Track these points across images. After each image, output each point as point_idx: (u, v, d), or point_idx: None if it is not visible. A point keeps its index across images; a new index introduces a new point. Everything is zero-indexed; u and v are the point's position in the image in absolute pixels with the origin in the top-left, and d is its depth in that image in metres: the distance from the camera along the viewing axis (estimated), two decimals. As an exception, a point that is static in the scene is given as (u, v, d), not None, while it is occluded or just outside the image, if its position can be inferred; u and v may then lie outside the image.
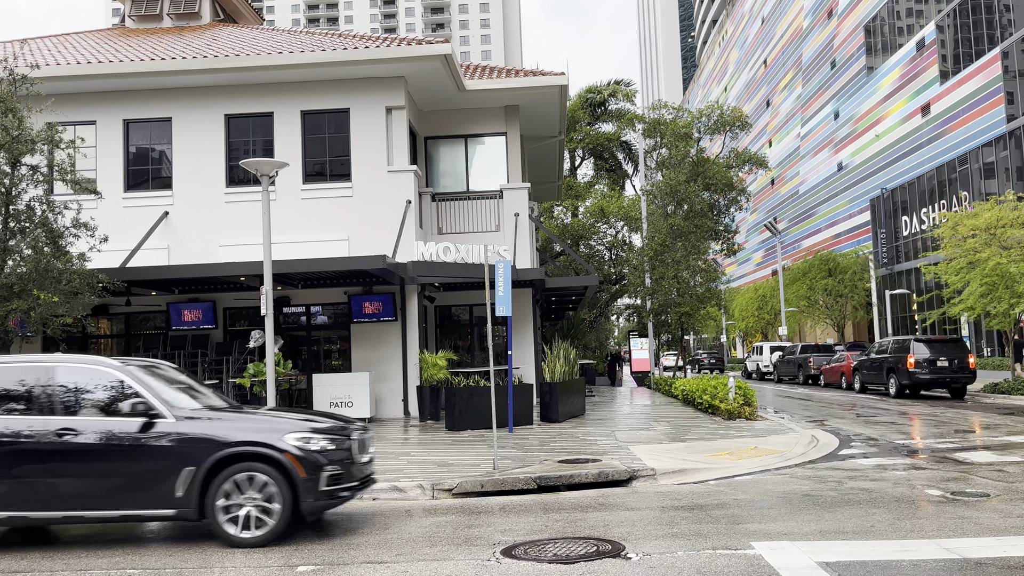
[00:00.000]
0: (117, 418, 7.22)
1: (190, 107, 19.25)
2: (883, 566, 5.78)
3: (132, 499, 7.05)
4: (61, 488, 7.07)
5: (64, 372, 7.49)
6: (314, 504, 7.17)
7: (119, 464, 7.08)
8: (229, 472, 7.04)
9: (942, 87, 45.65)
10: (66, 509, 7.08)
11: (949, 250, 25.05)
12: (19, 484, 7.05)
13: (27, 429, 7.15)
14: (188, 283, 18.01)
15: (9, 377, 7.48)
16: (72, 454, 7.09)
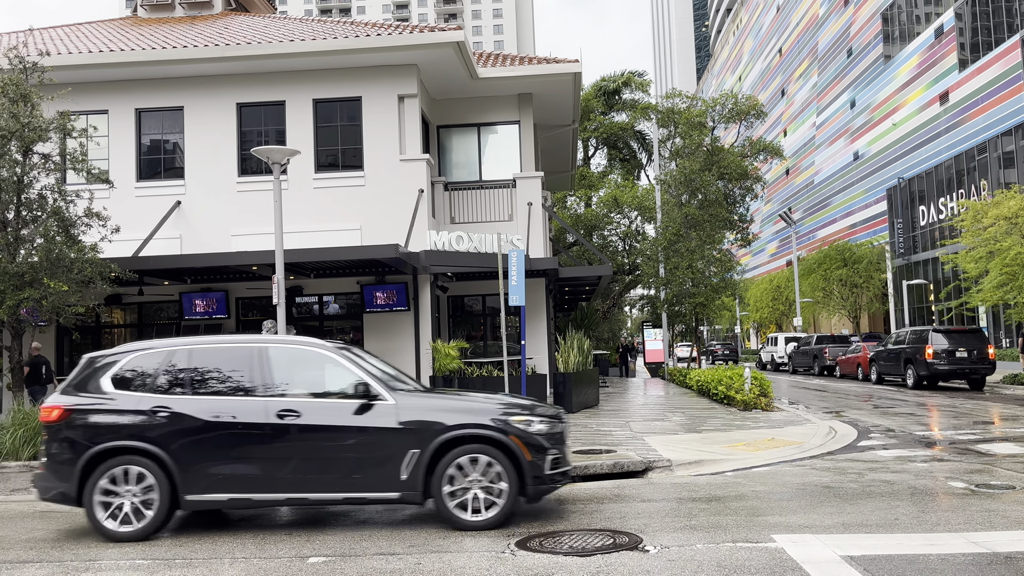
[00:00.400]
0: (338, 400, 7.15)
1: (202, 96, 19.16)
2: (910, 560, 5.61)
3: (356, 482, 6.95)
4: (284, 470, 6.95)
5: (277, 353, 7.38)
6: (538, 487, 7.08)
7: (342, 446, 6.98)
8: (454, 455, 6.93)
9: (961, 75, 45.04)
10: (289, 491, 6.97)
11: (969, 239, 24.69)
12: (241, 466, 6.97)
13: (247, 411, 7.05)
14: (200, 273, 17.96)
15: (224, 358, 7.38)
16: (295, 436, 7.00)
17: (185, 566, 6.17)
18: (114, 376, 7.31)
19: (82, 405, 7.17)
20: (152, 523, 6.92)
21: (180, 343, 7.54)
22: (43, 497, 7.19)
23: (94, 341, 19.32)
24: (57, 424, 7.12)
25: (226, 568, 6.07)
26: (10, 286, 12.80)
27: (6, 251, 13.13)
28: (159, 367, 7.32)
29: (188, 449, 6.98)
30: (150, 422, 7.04)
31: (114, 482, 6.99)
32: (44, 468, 7.17)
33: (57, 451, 7.09)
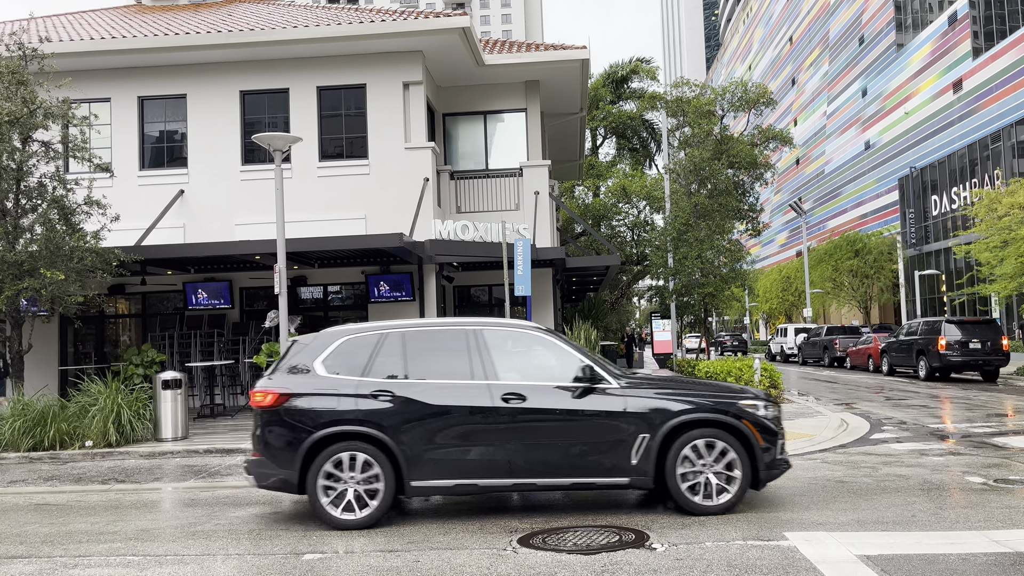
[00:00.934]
0: (561, 383, 6.96)
1: (205, 84, 18.95)
2: (929, 560, 5.37)
3: (585, 467, 6.78)
4: (510, 455, 6.76)
5: (493, 335, 7.18)
6: (769, 472, 6.95)
7: (570, 431, 6.79)
8: (686, 439, 6.80)
9: (975, 63, 44.44)
10: (516, 477, 6.78)
11: (983, 228, 24.30)
12: (466, 451, 6.77)
13: (472, 394, 6.85)
14: (203, 262, 17.79)
15: (439, 340, 7.16)
16: (522, 420, 6.80)
17: (177, 562, 5.98)
18: (326, 359, 7.08)
19: (299, 389, 6.93)
20: (378, 510, 6.74)
21: (390, 326, 7.31)
22: (260, 484, 6.95)
23: (97, 331, 19.20)
24: (273, 409, 6.89)
25: (219, 565, 5.88)
26: (9, 275, 12.64)
27: (5, 240, 12.97)
28: (373, 350, 7.09)
29: (413, 434, 6.76)
30: (372, 406, 6.82)
31: (337, 468, 6.78)
32: (260, 454, 6.93)
33: (275, 437, 6.85)
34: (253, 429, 7.07)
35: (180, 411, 12.67)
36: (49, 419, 11.91)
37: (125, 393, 12.41)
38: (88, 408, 12.16)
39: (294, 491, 6.85)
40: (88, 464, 11.30)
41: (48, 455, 11.63)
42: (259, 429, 6.96)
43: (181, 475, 10.19)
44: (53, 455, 11.63)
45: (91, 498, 8.83)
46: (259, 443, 6.95)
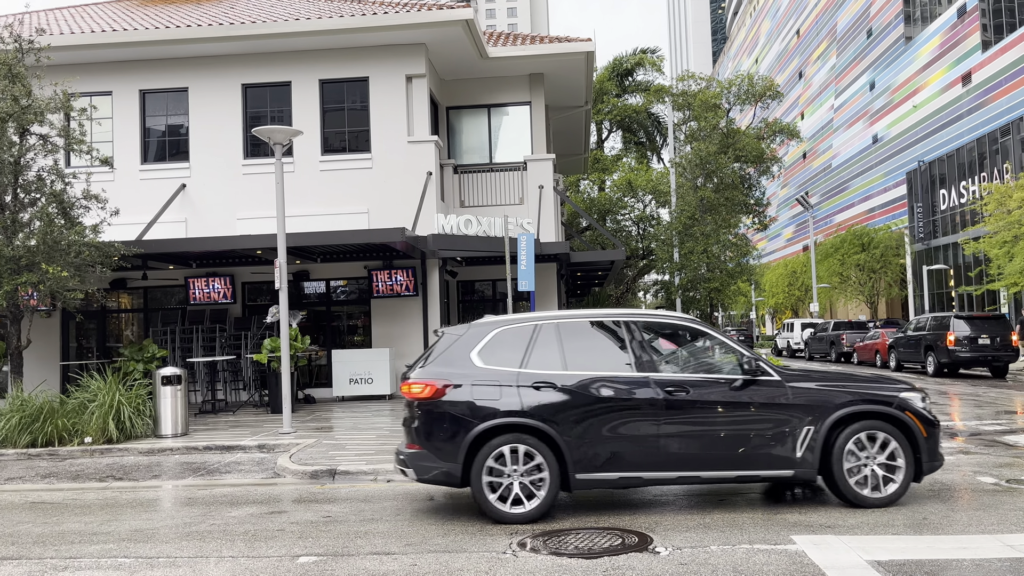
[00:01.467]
0: (721, 375, 6.96)
1: (207, 77, 18.81)
2: (942, 566, 5.19)
3: (749, 459, 6.77)
4: (674, 448, 6.72)
5: (648, 326, 7.17)
6: (931, 464, 6.92)
7: (734, 423, 6.77)
8: (851, 431, 6.81)
9: (984, 55, 44.00)
10: (680, 470, 6.75)
11: (993, 223, 24.03)
12: (630, 444, 6.70)
13: (634, 386, 6.79)
14: (205, 257, 17.68)
15: (593, 332, 7.10)
16: (685, 412, 6.76)
17: (169, 565, 5.85)
18: (482, 351, 6.97)
19: (458, 381, 6.81)
20: (543, 504, 6.63)
21: (542, 317, 7.20)
22: (421, 478, 6.83)
23: (99, 326, 19.11)
24: (432, 401, 6.78)
25: (212, 567, 5.74)
26: (7, 270, 12.53)
27: (3, 234, 12.86)
28: (528, 342, 6.99)
29: (577, 426, 6.69)
30: (536, 398, 6.72)
31: (499, 461, 6.67)
32: (420, 447, 6.80)
33: (436, 429, 6.74)
34: (408, 421, 6.96)
35: (180, 407, 12.55)
36: (48, 415, 11.80)
37: (124, 389, 12.28)
38: (87, 404, 12.05)
39: (456, 484, 6.75)
40: (87, 461, 11.19)
41: (47, 451, 11.52)
42: (417, 421, 6.82)
43: (179, 472, 10.07)
44: (52, 452, 11.53)
45: (87, 496, 8.72)
46: (418, 435, 6.81)
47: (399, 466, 7.04)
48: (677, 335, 7.33)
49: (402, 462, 6.93)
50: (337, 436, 12.03)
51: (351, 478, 9.18)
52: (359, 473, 9.23)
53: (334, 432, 12.50)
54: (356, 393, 17.43)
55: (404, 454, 6.93)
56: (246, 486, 9.06)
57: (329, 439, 11.72)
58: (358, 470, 9.28)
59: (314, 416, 14.81)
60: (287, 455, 10.39)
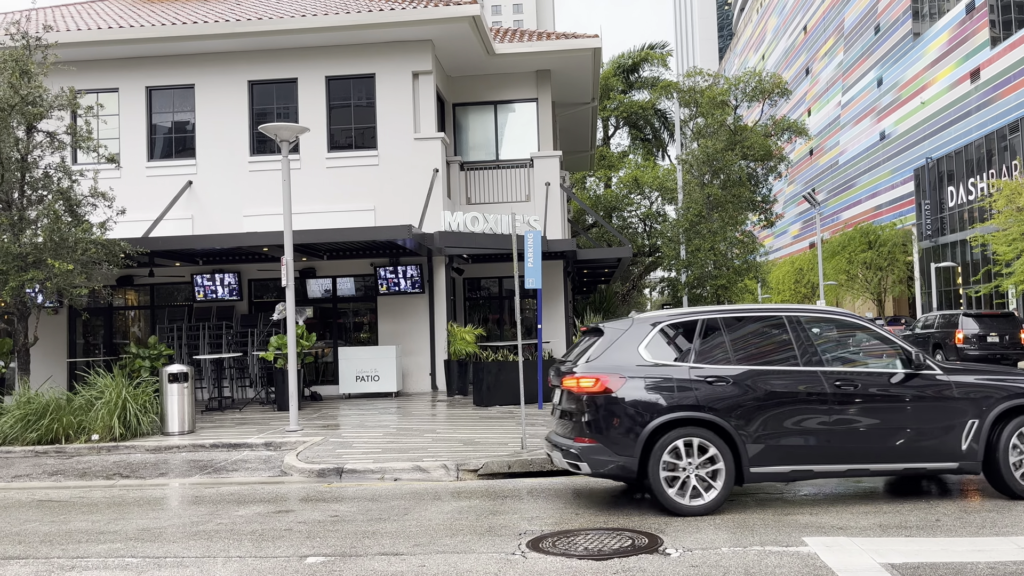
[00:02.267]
0: (887, 369, 7.09)
1: (213, 73, 18.78)
2: (956, 570, 5.13)
3: (916, 452, 6.91)
4: (842, 441, 6.84)
5: (810, 321, 7.27)
6: None
7: (901, 417, 6.91)
8: (1015, 425, 6.96)
9: (992, 52, 43.76)
10: (849, 463, 6.87)
11: (1003, 220, 23.87)
12: (801, 437, 6.83)
13: (804, 381, 6.91)
14: (212, 254, 17.66)
15: (757, 326, 7.21)
16: (854, 406, 6.89)
17: (176, 565, 5.82)
18: (649, 345, 7.07)
19: (630, 375, 6.90)
20: (720, 496, 6.73)
21: (705, 312, 7.33)
22: (596, 472, 6.90)
23: (106, 323, 19.12)
24: (604, 396, 6.85)
25: (219, 568, 5.71)
26: (14, 267, 12.52)
27: (10, 231, 12.85)
28: (693, 336, 7.11)
29: (750, 420, 6.79)
30: (709, 392, 6.82)
31: (674, 455, 6.77)
32: (593, 441, 6.84)
33: (611, 424, 6.82)
34: (573, 415, 7.00)
35: (187, 404, 12.54)
36: (55, 412, 11.79)
37: (131, 386, 12.28)
38: (94, 401, 12.04)
39: (632, 478, 6.85)
40: (94, 458, 11.18)
41: (54, 449, 11.52)
42: (589, 415, 6.87)
43: (186, 470, 10.05)
44: (59, 449, 11.53)
45: (94, 494, 8.70)
46: (591, 429, 6.86)
47: (568, 459, 7.03)
48: (838, 329, 7.44)
49: (574, 456, 6.92)
50: (344, 434, 12.01)
51: (358, 476, 9.15)
52: (366, 472, 9.20)
53: (341, 430, 12.47)
54: (363, 391, 17.41)
55: (576, 448, 6.92)
56: (253, 484, 9.04)
57: (336, 437, 11.69)
58: (365, 468, 9.24)
59: (321, 414, 14.79)
60: (294, 453, 10.36)
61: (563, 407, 7.25)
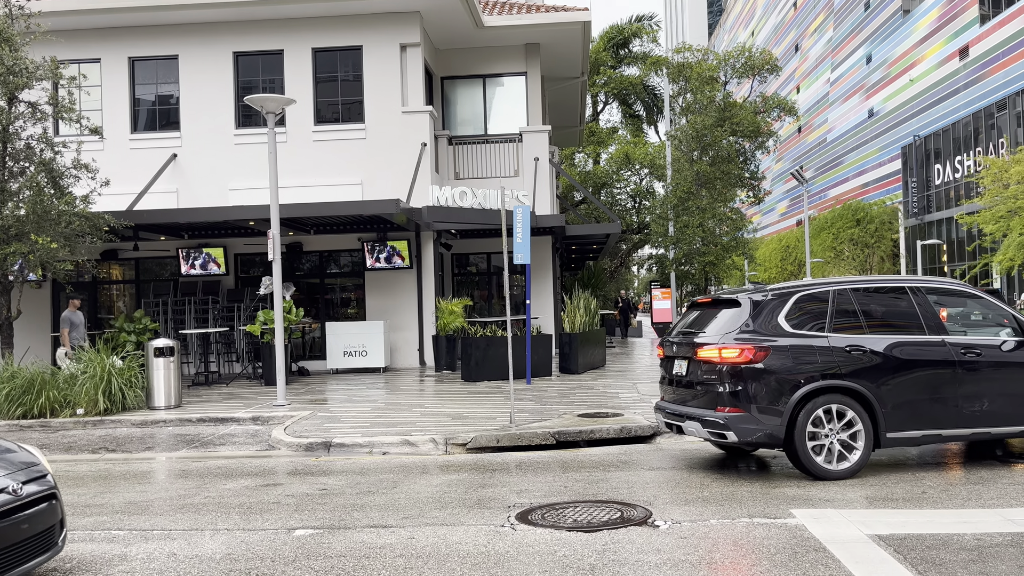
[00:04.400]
0: (1006, 337, 7.45)
1: (197, 44, 18.48)
2: (943, 541, 5.17)
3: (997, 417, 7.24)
4: (968, 407, 7.18)
5: (932, 293, 7.59)
6: None
7: (1017, 383, 7.27)
8: None
9: (982, 29, 43.68)
10: (972, 427, 7.21)
11: (989, 198, 23.96)
12: (932, 404, 7.14)
13: (934, 350, 7.23)
14: (197, 228, 17.49)
15: (886, 297, 7.52)
16: (979, 374, 7.24)
17: (164, 538, 5.78)
18: (788, 316, 7.26)
19: (773, 344, 7.07)
20: (861, 460, 7.01)
21: (835, 282, 7.61)
22: (743, 440, 7.04)
23: (90, 297, 18.94)
24: (750, 366, 7.02)
25: (207, 540, 5.69)
26: (-4, 240, 12.35)
27: (-8, 204, 12.66)
28: (827, 306, 7.32)
29: (887, 387, 7.09)
30: (848, 361, 7.07)
31: (815, 423, 6.98)
32: (740, 410, 7.00)
33: (759, 392, 6.98)
34: (718, 385, 7.10)
35: (173, 379, 12.46)
36: (40, 386, 11.70)
37: (116, 360, 12.18)
38: (79, 376, 11.94)
39: (778, 445, 7.03)
40: (79, 432, 11.11)
41: (39, 423, 11.44)
42: (735, 385, 7.02)
43: (173, 444, 10.00)
44: (44, 423, 11.44)
45: (80, 468, 8.65)
46: (737, 399, 7.02)
47: (710, 428, 7.13)
48: (957, 299, 7.91)
49: (719, 424, 7.05)
50: (332, 408, 11.98)
51: (346, 450, 9.14)
52: (354, 445, 9.19)
53: (328, 404, 12.44)
54: (350, 366, 17.37)
55: (721, 417, 7.03)
56: (240, 458, 9.01)
57: (324, 411, 11.66)
58: (353, 442, 9.23)
59: (308, 388, 14.75)
60: (282, 427, 10.33)
61: (690, 378, 7.43)
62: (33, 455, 4.93)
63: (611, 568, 4.83)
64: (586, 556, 5.06)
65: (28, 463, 4.74)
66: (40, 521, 4.48)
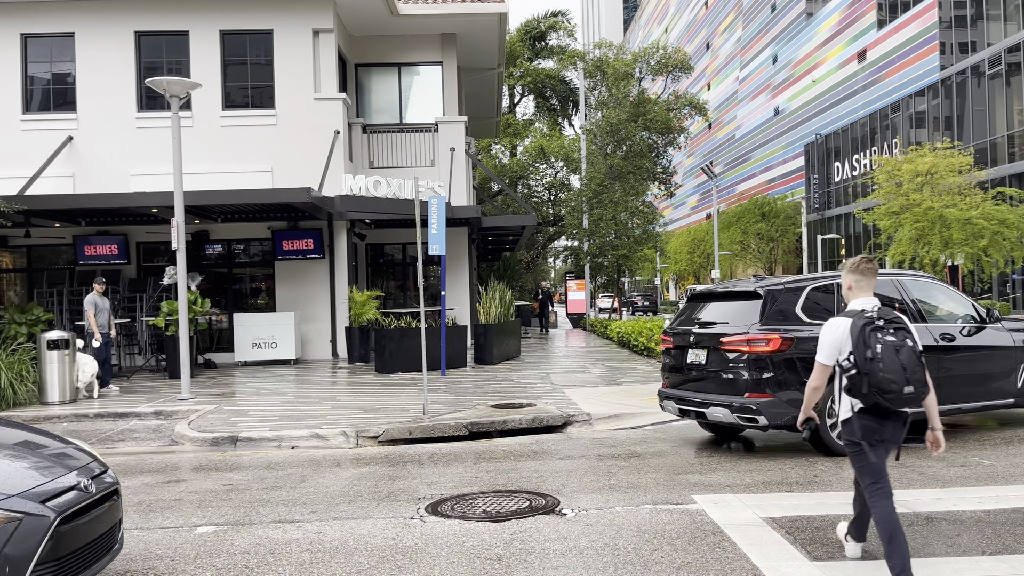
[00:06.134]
0: (965, 323, 8.30)
1: (95, 22, 17.63)
2: (831, 521, 5.45)
3: (988, 392, 8.22)
4: (947, 386, 7.87)
5: (909, 284, 8.26)
6: None
7: (980, 363, 8.19)
8: None
9: (879, 33, 45.88)
10: (951, 403, 7.95)
11: (884, 195, 25.23)
12: None
13: (924, 336, 7.83)
14: (96, 214, 16.73)
15: (881, 289, 7.97)
16: (952, 357, 8.02)
17: (56, 539, 5.53)
18: (802, 306, 7.70)
19: (796, 334, 7.48)
20: None
21: (837, 275, 8.04)
22: (773, 423, 7.39)
23: (-22, 287, 17.88)
24: (780, 354, 7.43)
25: (103, 541, 5.47)
26: None
27: None
28: (834, 297, 7.77)
29: None
30: None
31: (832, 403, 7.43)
32: (772, 395, 7.40)
33: (787, 379, 7.42)
34: (747, 373, 7.46)
35: (68, 373, 11.91)
36: (-81, 382, 11.00)
37: (5, 354, 11.55)
38: (-36, 370, 11.27)
39: None
40: (-36, 430, 10.49)
41: (-82, 421, 10.75)
42: (764, 372, 7.42)
43: (68, 441, 9.56)
44: (-76, 421, 10.76)
45: (-36, 468, 8.17)
46: (768, 385, 7.42)
47: (740, 414, 7.49)
48: (925, 290, 8.50)
49: (750, 410, 7.42)
50: (239, 402, 11.69)
51: (254, 445, 8.94)
52: (262, 440, 9.00)
53: (236, 398, 12.13)
54: (260, 358, 16.97)
55: (752, 403, 7.41)
56: (141, 455, 8.70)
57: (231, 405, 11.37)
58: (261, 437, 9.04)
59: (215, 382, 14.34)
60: (186, 422, 10.02)
61: (711, 367, 7.80)
62: (88, 450, 4.64)
63: (518, 557, 4.90)
64: (494, 546, 5.12)
65: (90, 458, 4.45)
66: (107, 519, 4.19)
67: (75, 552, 3.87)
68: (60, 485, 3.94)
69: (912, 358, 4.21)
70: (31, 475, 3.92)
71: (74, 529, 3.85)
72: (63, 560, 3.78)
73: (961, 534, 5.15)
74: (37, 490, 3.81)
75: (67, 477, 4.05)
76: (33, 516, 3.66)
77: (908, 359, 4.19)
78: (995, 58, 33.60)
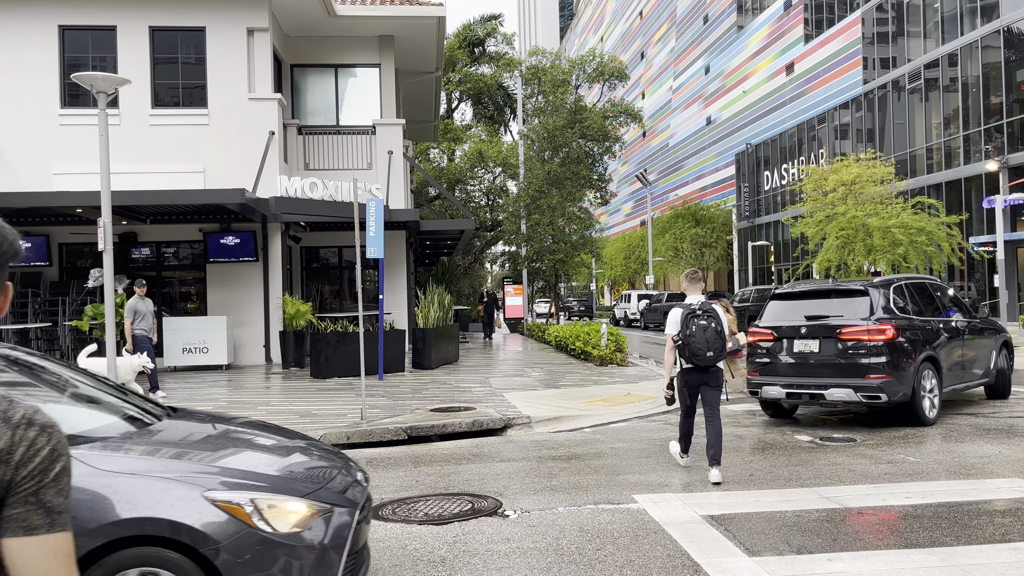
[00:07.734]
0: (960, 316, 10.28)
1: (15, 14, 16.92)
2: (767, 519, 5.58)
3: (976, 374, 10.27)
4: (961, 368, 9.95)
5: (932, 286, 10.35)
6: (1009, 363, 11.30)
7: (974, 349, 10.22)
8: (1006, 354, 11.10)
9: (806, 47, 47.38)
10: (960, 383, 9.95)
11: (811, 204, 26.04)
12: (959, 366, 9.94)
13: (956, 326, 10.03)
14: (14, 214, 16.00)
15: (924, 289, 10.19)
16: (964, 342, 10.04)
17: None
18: (894, 302, 9.26)
19: (897, 324, 8.95)
20: (938, 412, 9.28)
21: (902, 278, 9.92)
22: (891, 400, 8.73)
23: None
24: (893, 342, 8.83)
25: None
26: None
27: None
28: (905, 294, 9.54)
29: (943, 353, 9.49)
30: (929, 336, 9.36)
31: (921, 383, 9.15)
32: (891, 376, 8.74)
33: (900, 362, 8.80)
34: (867, 358, 8.79)
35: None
36: None
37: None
38: None
39: (907, 400, 8.85)
40: None
41: None
42: (884, 357, 8.74)
43: (-15, 451, 9.11)
44: None
45: None
46: (887, 368, 8.74)
47: (864, 393, 8.76)
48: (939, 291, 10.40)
49: (873, 389, 8.73)
50: (169, 408, 11.32)
51: (185, 452, 8.66)
52: (194, 446, 8.72)
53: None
54: (190, 363, 16.51)
55: (874, 383, 8.72)
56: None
57: (160, 412, 11.00)
58: (193, 443, 8.76)
59: (144, 388, 13.86)
60: (113, 429, 9.64)
61: (826, 355, 9.03)
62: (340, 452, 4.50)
63: (461, 559, 4.87)
64: (437, 548, 5.08)
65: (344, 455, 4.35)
66: (369, 519, 4.06)
67: (360, 550, 3.86)
68: (348, 479, 3.92)
69: (714, 335, 6.69)
70: (323, 469, 3.91)
71: (361, 523, 3.82)
72: (357, 555, 3.76)
73: (891, 528, 5.33)
74: (333, 484, 3.78)
75: (348, 472, 4.01)
76: (340, 508, 3.64)
77: (711, 336, 6.67)
78: (915, 73, 35.10)
